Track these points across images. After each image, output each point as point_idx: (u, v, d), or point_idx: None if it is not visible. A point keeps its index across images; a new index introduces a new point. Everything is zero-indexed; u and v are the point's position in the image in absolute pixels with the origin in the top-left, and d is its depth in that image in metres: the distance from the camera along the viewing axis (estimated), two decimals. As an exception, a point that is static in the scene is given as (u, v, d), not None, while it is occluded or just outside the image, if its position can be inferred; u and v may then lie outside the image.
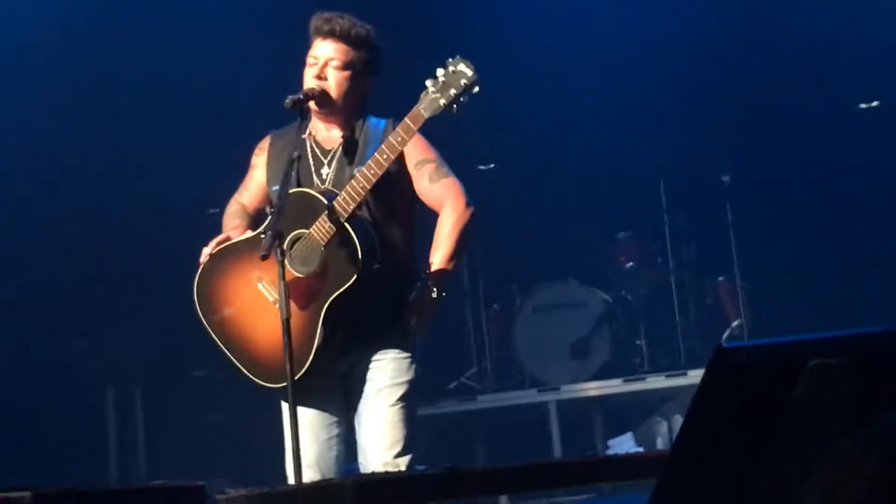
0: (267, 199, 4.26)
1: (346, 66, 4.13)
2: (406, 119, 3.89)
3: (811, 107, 8.67)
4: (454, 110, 3.77)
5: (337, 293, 3.93)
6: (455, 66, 3.75)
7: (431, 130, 4.10)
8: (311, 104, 4.10)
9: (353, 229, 3.91)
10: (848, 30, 8.55)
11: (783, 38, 8.72)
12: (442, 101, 3.74)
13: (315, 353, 3.95)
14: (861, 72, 8.60)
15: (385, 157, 3.86)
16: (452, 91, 3.74)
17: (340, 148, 4.16)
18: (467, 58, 3.81)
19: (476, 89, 3.75)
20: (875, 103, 8.46)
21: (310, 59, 4.16)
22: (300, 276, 3.97)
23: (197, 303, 4.20)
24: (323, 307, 3.94)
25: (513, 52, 8.92)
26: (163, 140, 8.27)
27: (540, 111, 9.00)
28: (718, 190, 8.46)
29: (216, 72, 8.28)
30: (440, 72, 3.77)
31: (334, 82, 4.12)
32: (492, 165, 8.80)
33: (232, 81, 8.19)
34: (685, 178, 8.66)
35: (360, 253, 3.89)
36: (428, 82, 3.78)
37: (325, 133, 4.22)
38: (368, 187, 3.89)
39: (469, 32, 8.58)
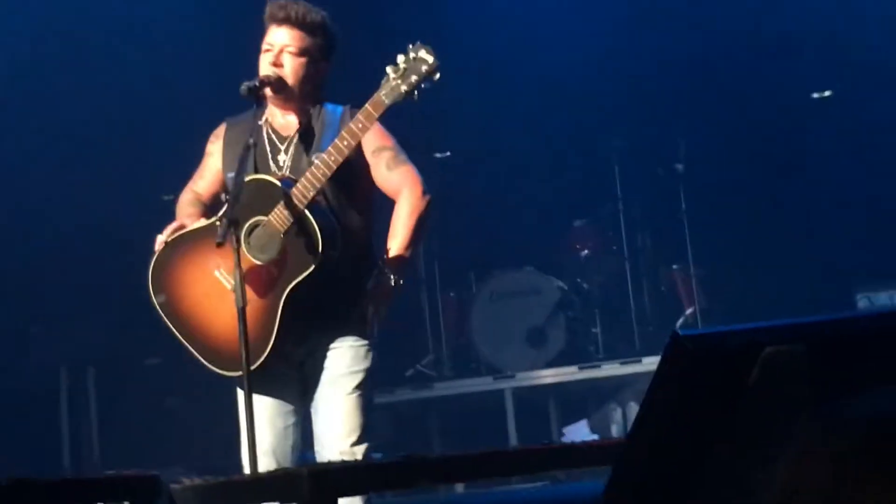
0: (222, 187, 4.23)
1: (301, 53, 4.11)
2: (367, 105, 3.87)
3: (765, 95, 8.73)
4: (415, 97, 3.75)
5: (296, 281, 3.91)
6: (416, 53, 3.73)
7: (388, 117, 4.08)
8: (267, 91, 4.07)
9: (313, 217, 3.89)
10: (802, 20, 8.61)
11: (737, 27, 8.76)
12: (403, 88, 3.73)
13: (273, 342, 3.93)
14: (814, 61, 8.66)
15: (345, 143, 3.85)
16: (413, 77, 3.72)
17: (297, 135, 4.14)
18: (426, 43, 3.78)
19: (437, 76, 3.73)
20: (827, 93, 8.53)
21: (265, 46, 4.13)
22: (259, 263, 3.95)
23: (151, 290, 4.16)
24: (282, 295, 3.92)
25: (470, 38, 8.90)
26: (118, 125, 8.21)
27: (496, 99, 9.00)
28: (672, 178, 8.51)
29: (170, 57, 8.23)
30: (401, 58, 3.75)
31: (290, 69, 4.10)
32: (448, 153, 8.80)
33: (187, 67, 8.15)
34: (640, 166, 8.70)
35: (319, 241, 3.87)
36: (389, 69, 3.75)
37: (282, 120, 4.19)
38: (328, 174, 3.87)
39: (426, 18, 8.57)
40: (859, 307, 7.87)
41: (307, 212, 3.89)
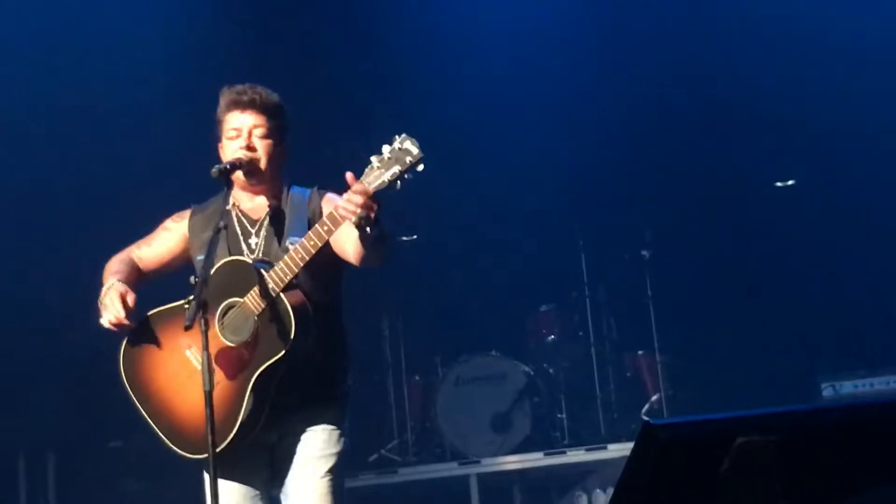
0: (167, 266, 4.23)
1: (269, 135, 4.14)
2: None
3: (730, 185, 8.83)
4: (398, 186, 3.76)
5: (266, 365, 3.88)
6: (401, 144, 3.74)
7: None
8: (238, 174, 4.09)
9: (287, 301, 3.88)
10: (766, 111, 8.74)
11: (702, 117, 8.88)
12: (387, 177, 3.72)
13: (240, 425, 3.89)
14: (778, 151, 8.78)
15: (325, 228, 3.83)
16: (397, 168, 3.72)
17: (267, 218, 4.14)
18: (411, 135, 3.80)
19: (421, 167, 3.74)
20: (791, 182, 8.64)
21: (230, 133, 4.14)
22: (231, 345, 3.93)
23: (122, 370, 4.13)
24: (251, 378, 3.89)
25: (435, 121, 8.97)
26: (77, 203, 8.17)
27: (464, 183, 9.05)
28: (638, 264, 8.56)
29: (125, 133, 8.21)
30: (386, 148, 3.76)
31: (263, 151, 4.12)
32: (415, 237, 8.83)
33: (143, 147, 8.13)
34: (606, 252, 8.75)
35: (292, 326, 3.85)
36: (373, 158, 3.76)
37: (250, 203, 4.20)
38: (307, 258, 3.86)
39: (393, 104, 8.64)
40: (824, 396, 7.89)
41: (282, 295, 3.88)
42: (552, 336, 8.66)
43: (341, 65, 9.00)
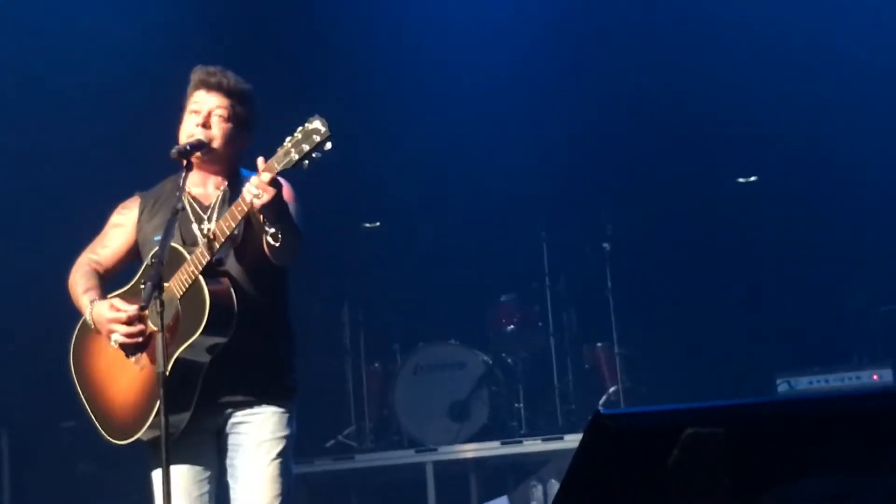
0: (128, 259, 4.21)
1: (230, 119, 4.14)
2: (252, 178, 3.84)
3: (692, 179, 8.88)
4: (305, 165, 3.76)
5: (182, 347, 3.86)
6: (311, 123, 3.76)
7: (318, 185, 4.08)
8: (198, 155, 4.07)
9: (206, 283, 3.87)
10: (729, 106, 8.78)
11: (668, 112, 8.91)
12: (294, 155, 3.73)
13: (156, 412, 3.86)
14: (741, 146, 8.83)
15: (239, 209, 3.84)
16: (305, 146, 3.73)
17: (219, 202, 4.12)
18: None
19: (328, 145, 3.74)
20: (753, 178, 8.69)
21: (192, 107, 4.14)
22: (155, 329, 3.91)
23: (71, 355, 4.15)
24: (170, 361, 3.85)
25: (399, 111, 8.98)
26: (29, 183, 8.12)
27: (426, 171, 9.07)
28: (599, 257, 8.59)
29: (82, 124, 8.16)
30: (298, 128, 3.78)
31: (219, 132, 4.11)
32: (377, 224, 8.84)
33: (100, 132, 8.08)
34: (567, 244, 8.77)
35: (206, 309, 3.83)
36: (286, 138, 3.79)
37: (201, 189, 4.18)
38: (222, 239, 3.87)
39: (354, 92, 8.62)
40: (779, 391, 7.95)
41: (200, 279, 3.87)
42: (512, 326, 8.68)
43: (305, 54, 8.98)
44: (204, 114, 4.11)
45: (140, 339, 3.99)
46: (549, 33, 9.13)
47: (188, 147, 4.02)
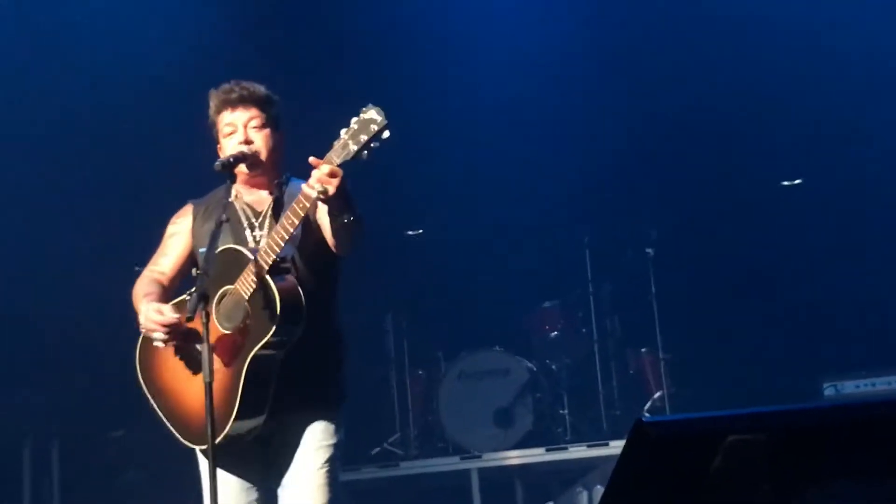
0: (188, 265, 4.24)
1: (264, 125, 4.19)
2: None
3: (736, 183, 8.83)
4: (364, 156, 3.78)
5: (257, 346, 3.90)
6: (366, 113, 3.78)
7: (361, 194, 4.11)
8: (241, 167, 4.12)
9: (273, 282, 3.90)
10: (773, 109, 8.74)
11: (712, 115, 8.88)
12: (352, 147, 3.76)
13: (237, 412, 3.91)
14: (785, 150, 8.78)
15: (300, 205, 3.87)
16: (363, 137, 3.75)
17: (270, 209, 4.17)
18: (377, 104, 3.82)
19: (386, 134, 3.76)
20: (797, 181, 8.63)
21: (226, 129, 4.19)
22: (226, 332, 3.96)
23: (138, 365, 4.20)
24: (244, 363, 3.91)
25: (443, 118, 9.00)
26: (82, 197, 8.21)
27: (469, 178, 9.08)
28: (643, 262, 8.56)
29: (140, 133, 8.23)
30: (353, 120, 3.81)
31: (262, 142, 4.17)
32: (420, 231, 8.85)
33: (158, 146, 8.16)
34: (611, 249, 8.75)
35: (278, 303, 3.87)
36: (342, 131, 3.81)
37: (252, 196, 4.23)
38: (286, 236, 3.89)
39: (397, 98, 8.63)
40: (826, 395, 7.89)
41: (268, 278, 3.90)
42: (555, 332, 8.67)
43: (350, 63, 9.02)
44: (241, 131, 4.16)
45: (178, 340, 4.02)
46: (593, 38, 9.12)
47: (231, 160, 4.07)
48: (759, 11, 8.76)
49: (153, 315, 4.02)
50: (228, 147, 4.16)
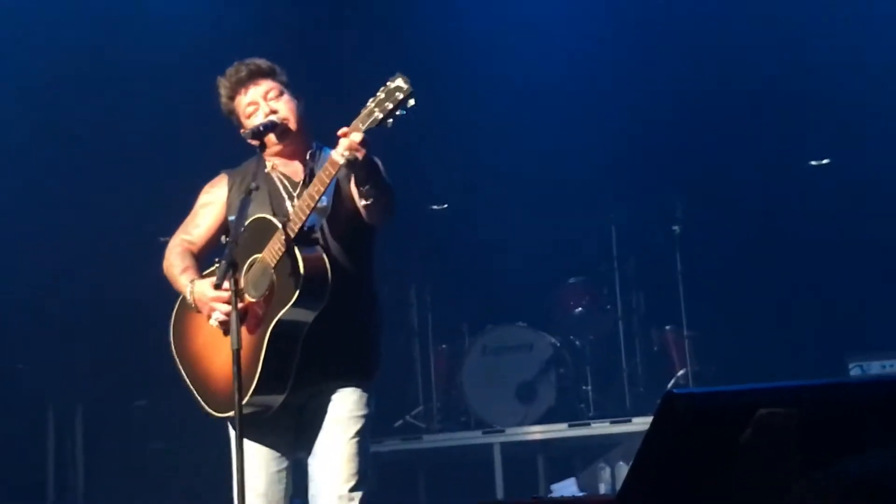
0: (220, 235, 4.24)
1: (282, 92, 4.21)
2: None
3: (764, 162, 8.79)
4: (389, 124, 3.78)
5: (280, 314, 3.90)
6: (393, 82, 3.77)
7: (386, 168, 4.11)
8: (271, 137, 4.12)
9: (298, 250, 3.90)
10: (801, 88, 8.68)
11: (740, 93, 8.83)
12: (378, 115, 3.75)
13: (258, 380, 3.92)
14: (814, 129, 8.72)
15: (327, 173, 3.87)
16: (388, 105, 3.75)
17: (305, 179, 4.17)
18: (404, 72, 3.81)
19: (412, 102, 3.75)
20: (825, 161, 8.58)
21: (249, 107, 4.20)
22: (252, 300, 3.97)
23: (171, 336, 4.22)
24: (267, 331, 3.92)
25: (470, 95, 8.98)
26: (110, 168, 8.23)
27: (495, 153, 9.05)
28: (669, 239, 8.54)
29: (168, 105, 8.24)
30: (380, 88, 3.80)
31: (286, 109, 4.18)
32: (445, 206, 8.85)
33: (185, 115, 8.16)
34: (637, 226, 8.73)
35: (302, 274, 3.87)
36: (369, 99, 3.81)
37: (288, 167, 4.23)
38: (312, 204, 3.89)
39: (421, 73, 8.61)
40: (852, 375, 7.86)
41: (294, 247, 3.90)
42: (580, 308, 8.66)
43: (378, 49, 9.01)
44: (262, 104, 4.16)
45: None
46: (621, 14, 9.08)
47: (261, 128, 4.08)
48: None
49: (210, 293, 4.00)
50: (253, 123, 4.17)
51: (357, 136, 3.74)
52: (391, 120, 3.76)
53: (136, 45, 8.38)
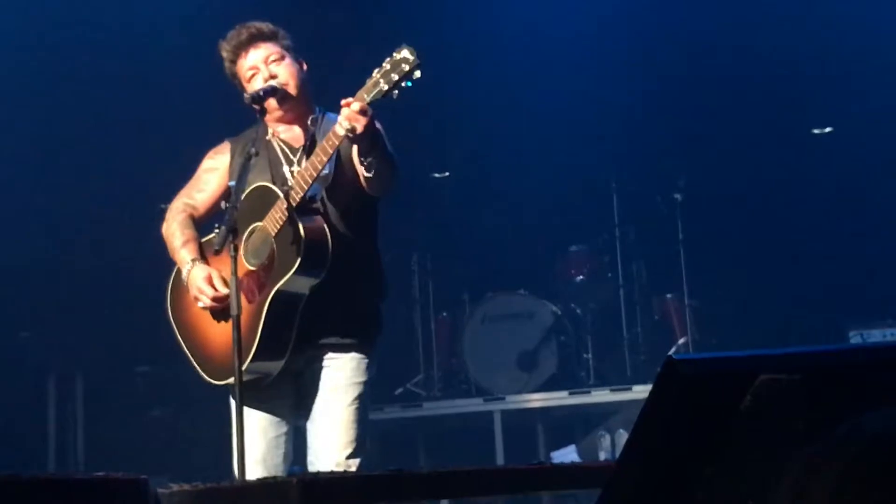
0: (222, 201, 4.25)
1: (283, 56, 4.19)
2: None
3: (766, 130, 8.76)
4: (395, 95, 3.76)
5: (280, 283, 3.90)
6: (399, 53, 3.76)
7: (389, 135, 4.09)
8: (272, 102, 4.10)
9: (299, 219, 3.90)
10: (806, 57, 8.64)
11: (743, 62, 8.79)
12: (384, 86, 3.74)
13: (257, 348, 3.92)
14: (816, 97, 8.69)
15: (330, 143, 3.86)
16: (394, 76, 3.73)
17: (306, 144, 4.16)
18: (410, 44, 3.79)
19: (417, 74, 3.74)
20: (828, 129, 8.55)
21: (249, 72, 4.18)
22: (252, 268, 3.97)
23: (168, 302, 4.22)
24: (266, 300, 3.92)
25: (471, 62, 8.93)
26: (111, 136, 8.21)
27: (496, 121, 9.02)
28: (671, 207, 8.52)
29: (169, 67, 8.21)
30: (386, 59, 3.78)
31: (286, 73, 4.16)
32: (447, 174, 8.84)
33: (183, 81, 8.13)
34: (638, 194, 8.71)
35: (302, 243, 3.86)
36: (375, 70, 3.79)
37: (289, 133, 4.22)
38: (314, 174, 3.89)
39: (423, 43, 8.56)
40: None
41: (295, 216, 3.89)
42: (581, 276, 8.66)
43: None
44: (262, 69, 4.14)
45: (221, 307, 4.03)
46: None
47: (261, 93, 4.07)
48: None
49: (202, 284, 4.02)
50: (253, 87, 4.15)
51: (356, 106, 3.72)
52: (397, 91, 3.75)
53: (138, 11, 8.34)
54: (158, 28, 8.29)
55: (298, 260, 3.86)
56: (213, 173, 4.31)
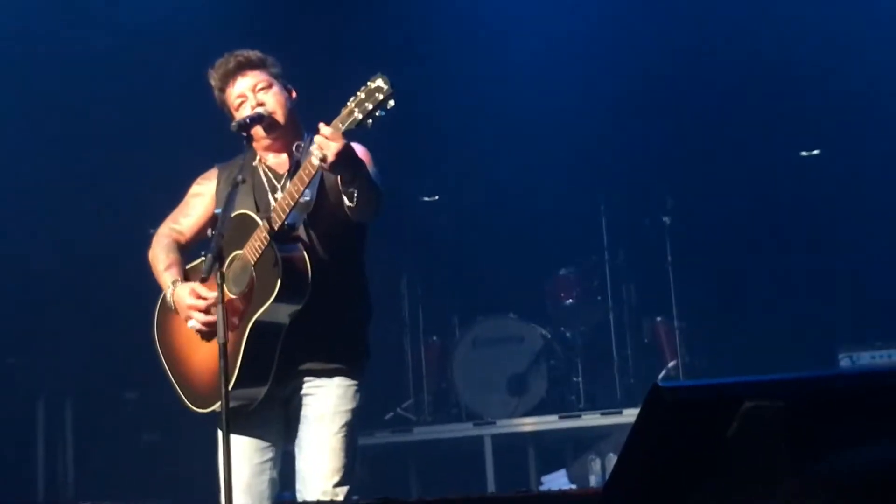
0: (209, 227, 4.24)
1: (271, 84, 4.18)
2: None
3: (754, 153, 8.78)
4: (369, 125, 3.77)
5: (259, 311, 3.90)
6: (374, 82, 3.76)
7: (377, 159, 4.10)
8: (258, 130, 4.11)
9: (278, 248, 3.90)
10: (792, 79, 8.67)
11: (730, 85, 8.82)
12: (357, 115, 3.74)
13: (238, 377, 3.91)
14: (804, 120, 8.71)
15: (307, 172, 3.87)
16: (368, 105, 3.74)
17: (290, 171, 4.16)
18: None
19: (391, 103, 3.74)
20: (816, 151, 8.58)
21: (237, 100, 4.18)
22: (233, 296, 3.96)
23: (154, 330, 4.22)
24: (246, 328, 3.92)
25: (460, 87, 8.95)
26: (100, 161, 8.21)
27: (486, 144, 9.04)
28: (659, 230, 8.53)
29: (159, 90, 8.22)
30: (361, 88, 3.79)
31: (274, 101, 4.16)
32: (436, 197, 8.84)
33: (176, 107, 8.13)
34: (627, 217, 8.73)
35: (280, 274, 3.87)
36: (350, 98, 3.80)
37: (275, 159, 4.23)
38: (292, 203, 3.89)
39: (409, 65, 8.60)
40: (841, 366, 7.87)
41: (273, 244, 3.90)
42: (570, 300, 8.66)
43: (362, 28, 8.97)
44: (250, 97, 4.15)
45: (211, 326, 4.02)
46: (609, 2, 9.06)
47: (247, 120, 4.07)
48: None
49: (189, 300, 4.02)
50: (241, 115, 4.15)
51: (326, 131, 3.73)
52: (371, 120, 3.75)
53: (127, 34, 8.34)
54: (149, 52, 8.29)
55: (276, 289, 3.87)
56: (199, 198, 4.31)
